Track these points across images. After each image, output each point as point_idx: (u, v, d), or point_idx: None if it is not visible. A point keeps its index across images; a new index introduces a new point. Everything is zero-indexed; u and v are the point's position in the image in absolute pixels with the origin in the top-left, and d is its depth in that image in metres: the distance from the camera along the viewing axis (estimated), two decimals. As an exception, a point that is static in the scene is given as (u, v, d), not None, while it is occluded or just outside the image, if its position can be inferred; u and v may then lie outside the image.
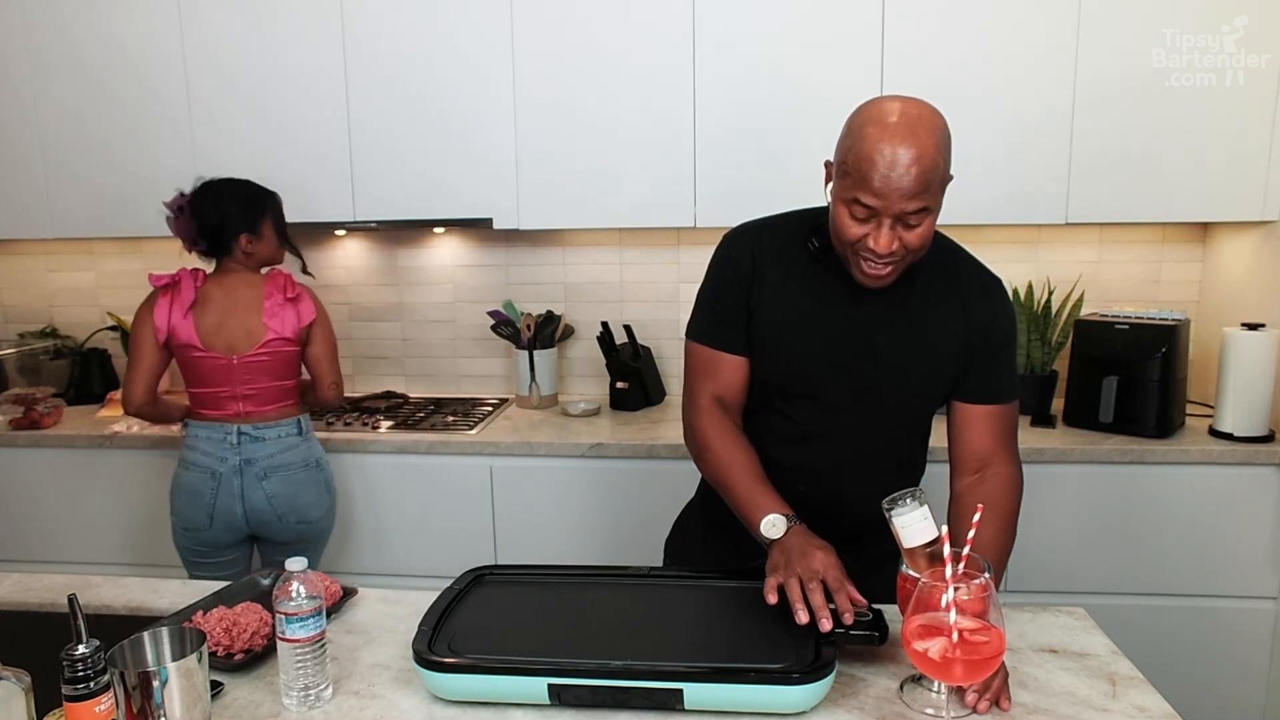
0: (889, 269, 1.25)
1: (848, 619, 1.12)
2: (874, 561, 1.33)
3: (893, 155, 1.16)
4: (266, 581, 1.43)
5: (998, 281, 1.40)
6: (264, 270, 2.21)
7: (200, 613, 1.27)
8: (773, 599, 1.16)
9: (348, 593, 1.42)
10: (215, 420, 2.14)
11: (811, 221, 1.36)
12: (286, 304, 2.14)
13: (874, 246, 1.22)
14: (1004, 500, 1.35)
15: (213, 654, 1.20)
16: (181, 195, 2.16)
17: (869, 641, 1.12)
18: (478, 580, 1.32)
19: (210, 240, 2.15)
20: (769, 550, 1.26)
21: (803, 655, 1.07)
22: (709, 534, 1.57)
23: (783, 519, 1.26)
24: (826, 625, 1.11)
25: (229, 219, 2.12)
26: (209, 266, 2.20)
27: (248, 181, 2.18)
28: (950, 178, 1.25)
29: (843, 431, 1.39)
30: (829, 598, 1.14)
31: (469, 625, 1.18)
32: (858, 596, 1.16)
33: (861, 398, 1.37)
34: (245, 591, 1.40)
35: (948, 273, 1.37)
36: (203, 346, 2.11)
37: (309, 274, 2.34)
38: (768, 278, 1.37)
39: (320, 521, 2.24)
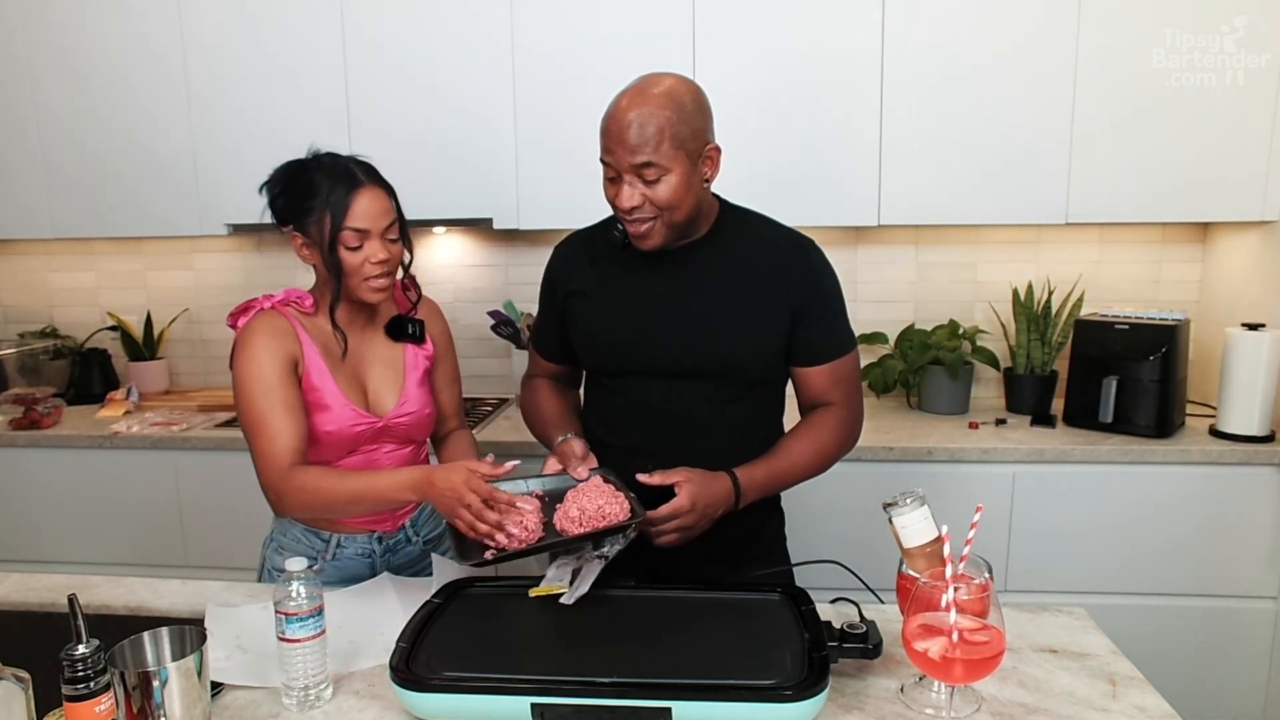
0: (644, 226, 1.33)
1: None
2: (732, 547, 1.37)
3: (619, 113, 1.30)
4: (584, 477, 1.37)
5: (810, 241, 1.45)
6: None
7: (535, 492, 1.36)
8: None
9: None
10: None
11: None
12: None
13: (618, 203, 1.31)
14: (826, 429, 1.44)
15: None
16: None
17: (863, 655, 1.12)
18: (458, 592, 1.29)
19: None
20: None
21: (796, 670, 1.04)
22: None
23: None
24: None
25: None
26: None
27: None
28: (714, 147, 1.35)
29: (683, 405, 1.42)
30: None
31: (449, 640, 1.15)
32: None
33: (691, 366, 1.40)
34: (557, 484, 1.39)
35: (757, 238, 1.44)
36: None
37: None
38: (579, 283, 1.48)
39: None
